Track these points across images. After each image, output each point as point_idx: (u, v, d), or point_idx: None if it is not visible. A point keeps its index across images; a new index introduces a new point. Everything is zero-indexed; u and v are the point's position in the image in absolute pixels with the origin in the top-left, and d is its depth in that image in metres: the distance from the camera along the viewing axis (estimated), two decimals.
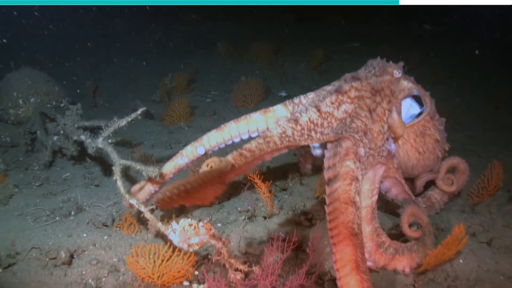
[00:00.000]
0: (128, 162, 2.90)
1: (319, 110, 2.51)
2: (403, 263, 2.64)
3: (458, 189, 3.27)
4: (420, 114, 3.04)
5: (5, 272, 2.70)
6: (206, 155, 3.00)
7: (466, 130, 5.34)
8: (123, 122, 3.17)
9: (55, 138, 4.12)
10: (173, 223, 2.45)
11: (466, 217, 3.28)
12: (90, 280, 2.63)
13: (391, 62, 2.88)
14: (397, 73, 2.79)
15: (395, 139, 2.82)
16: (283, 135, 2.34)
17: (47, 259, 2.82)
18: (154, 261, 2.48)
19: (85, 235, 3.08)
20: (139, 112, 3.15)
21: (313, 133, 2.44)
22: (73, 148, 4.07)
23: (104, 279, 2.65)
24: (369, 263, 2.52)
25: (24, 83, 5.05)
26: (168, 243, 2.50)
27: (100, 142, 3.15)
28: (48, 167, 4.32)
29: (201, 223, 2.34)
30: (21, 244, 2.98)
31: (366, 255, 2.50)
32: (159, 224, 2.58)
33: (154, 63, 9.04)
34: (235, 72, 8.13)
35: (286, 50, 9.23)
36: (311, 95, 2.89)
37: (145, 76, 8.09)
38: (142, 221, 3.19)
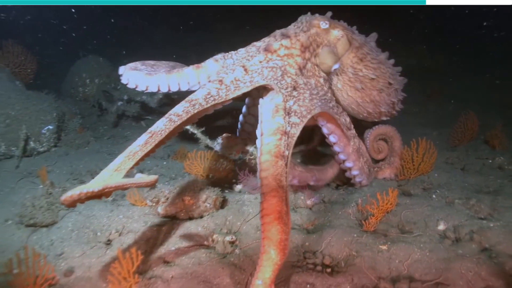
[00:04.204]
0: None
1: (246, 70, 2.53)
2: (387, 173, 3.52)
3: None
4: None
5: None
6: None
7: (459, 102, 6.14)
8: None
9: (119, 103, 5.21)
10: (218, 137, 3.45)
11: (445, 153, 4.10)
12: (156, 184, 3.62)
13: (317, 14, 2.86)
14: (324, 25, 2.76)
15: (328, 72, 2.89)
16: (208, 96, 2.36)
17: None
18: (204, 163, 3.44)
19: (149, 162, 4.11)
20: None
21: (241, 84, 2.48)
22: (135, 109, 5.15)
23: (167, 183, 3.64)
24: (365, 183, 3.24)
25: (91, 66, 6.22)
26: (213, 152, 3.47)
27: (161, 94, 4.18)
28: (114, 127, 5.42)
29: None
30: (102, 166, 4.01)
31: (362, 180, 3.18)
32: (208, 141, 3.55)
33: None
34: None
35: None
36: (241, 51, 2.84)
37: None
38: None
